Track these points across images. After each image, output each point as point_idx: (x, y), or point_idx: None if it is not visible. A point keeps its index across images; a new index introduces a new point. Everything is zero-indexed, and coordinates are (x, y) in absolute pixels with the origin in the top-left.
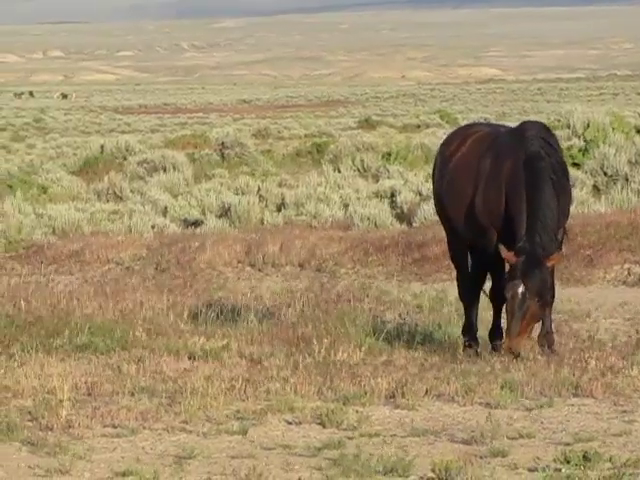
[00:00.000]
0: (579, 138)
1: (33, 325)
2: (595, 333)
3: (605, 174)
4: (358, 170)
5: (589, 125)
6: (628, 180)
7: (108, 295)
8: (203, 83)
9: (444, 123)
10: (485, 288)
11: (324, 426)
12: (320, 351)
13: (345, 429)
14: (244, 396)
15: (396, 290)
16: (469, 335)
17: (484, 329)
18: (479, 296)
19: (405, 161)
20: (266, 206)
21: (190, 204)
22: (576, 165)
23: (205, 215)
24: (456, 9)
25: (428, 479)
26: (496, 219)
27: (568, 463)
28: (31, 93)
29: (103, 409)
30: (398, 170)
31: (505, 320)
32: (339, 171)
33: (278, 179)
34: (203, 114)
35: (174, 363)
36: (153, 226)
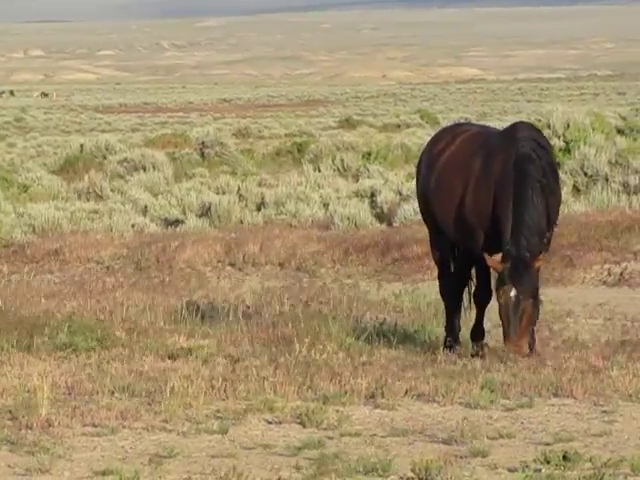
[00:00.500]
0: (559, 138)
1: (13, 324)
2: (575, 333)
3: (585, 174)
4: (338, 170)
5: (569, 125)
6: (608, 180)
7: (88, 294)
8: (184, 82)
9: (424, 123)
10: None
11: (304, 426)
12: (300, 351)
13: (325, 429)
14: (224, 395)
15: (376, 290)
16: (451, 335)
17: (466, 329)
18: (462, 296)
19: (385, 161)
20: (246, 205)
21: (170, 203)
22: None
23: (185, 214)
24: (442, 8)
25: (408, 479)
26: (484, 219)
27: (548, 463)
28: (12, 92)
29: (83, 408)
30: (378, 170)
31: (501, 326)
32: (319, 170)
33: (258, 178)
34: (183, 113)
35: (154, 362)
36: (133, 225)
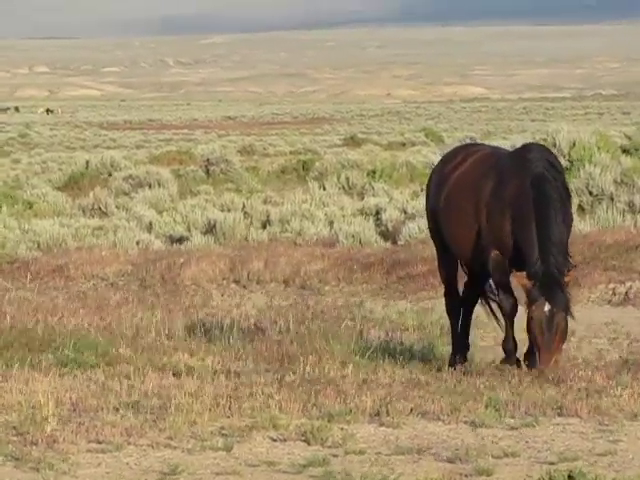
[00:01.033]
0: (564, 157)
1: (18, 340)
2: (580, 353)
3: (590, 193)
4: (343, 188)
5: (575, 144)
6: (613, 200)
7: (93, 311)
8: (188, 99)
9: (429, 141)
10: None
11: (309, 443)
12: (305, 368)
13: (330, 446)
14: (229, 412)
15: (381, 308)
16: (456, 353)
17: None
18: (470, 313)
19: (390, 179)
20: (251, 223)
21: (175, 220)
22: None
23: (190, 231)
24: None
25: None
26: (499, 240)
27: None
28: (17, 108)
29: (88, 424)
30: (383, 188)
31: (531, 342)
32: (324, 188)
33: (263, 196)
34: (188, 130)
35: (159, 379)
36: (138, 242)
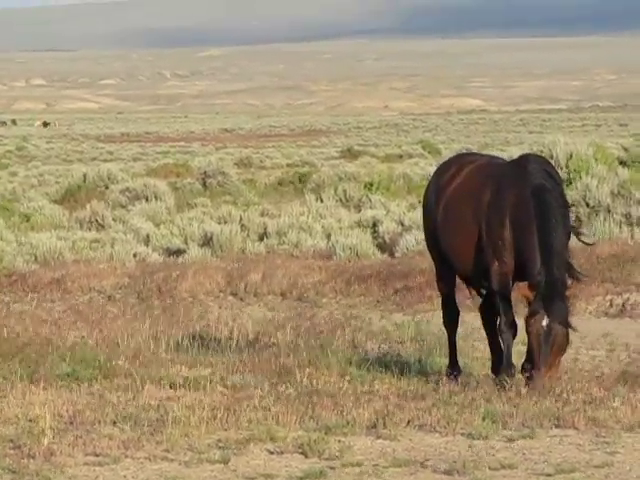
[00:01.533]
0: (562, 169)
1: (15, 353)
2: (577, 364)
3: (587, 205)
4: (340, 200)
5: (572, 156)
6: (610, 211)
7: (90, 324)
8: (185, 112)
9: (426, 153)
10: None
11: (306, 456)
12: (302, 380)
13: (327, 459)
14: (226, 425)
15: (378, 320)
16: (453, 365)
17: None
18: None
19: (387, 191)
20: (248, 235)
21: (172, 233)
22: None
23: (187, 244)
24: (445, 39)
25: None
26: (499, 251)
27: None
28: (14, 121)
29: (85, 437)
30: (380, 200)
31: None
32: (321, 201)
33: (260, 208)
34: (185, 143)
35: (156, 392)
36: (135, 255)
